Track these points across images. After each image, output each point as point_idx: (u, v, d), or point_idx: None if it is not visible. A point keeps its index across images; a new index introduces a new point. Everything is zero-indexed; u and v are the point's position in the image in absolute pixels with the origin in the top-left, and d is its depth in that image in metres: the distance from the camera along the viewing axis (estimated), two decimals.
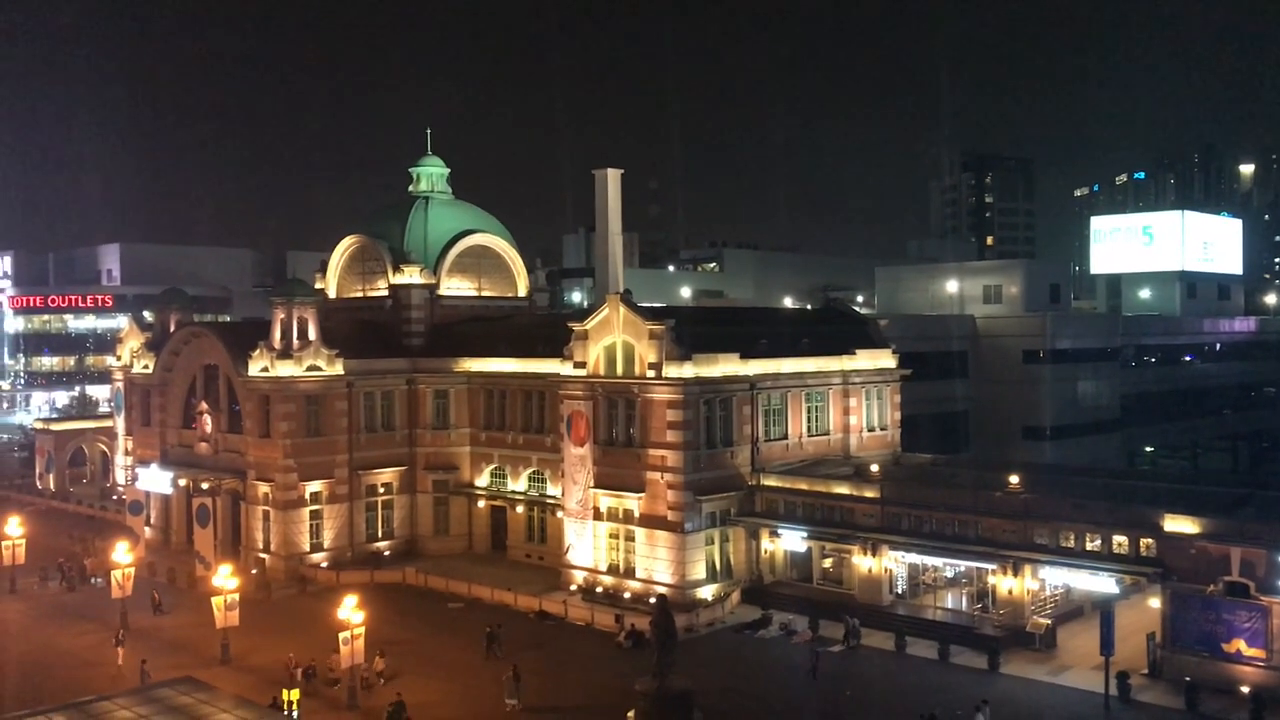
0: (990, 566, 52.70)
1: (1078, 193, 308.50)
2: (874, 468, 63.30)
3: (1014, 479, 56.29)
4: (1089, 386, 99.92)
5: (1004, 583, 52.14)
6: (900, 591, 56.95)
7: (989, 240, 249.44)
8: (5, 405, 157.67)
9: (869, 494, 57.68)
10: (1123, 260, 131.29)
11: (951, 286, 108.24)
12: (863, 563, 56.38)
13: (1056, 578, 52.25)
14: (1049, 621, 51.59)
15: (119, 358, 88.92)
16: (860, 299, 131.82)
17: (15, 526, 67.20)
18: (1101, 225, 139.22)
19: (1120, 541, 49.22)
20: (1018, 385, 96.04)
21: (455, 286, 78.92)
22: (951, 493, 56.47)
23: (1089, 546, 50.18)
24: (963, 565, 55.18)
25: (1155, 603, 48.03)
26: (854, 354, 68.82)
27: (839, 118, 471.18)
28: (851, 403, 68.08)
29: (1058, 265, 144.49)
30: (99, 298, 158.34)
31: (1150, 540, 48.17)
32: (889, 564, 56.15)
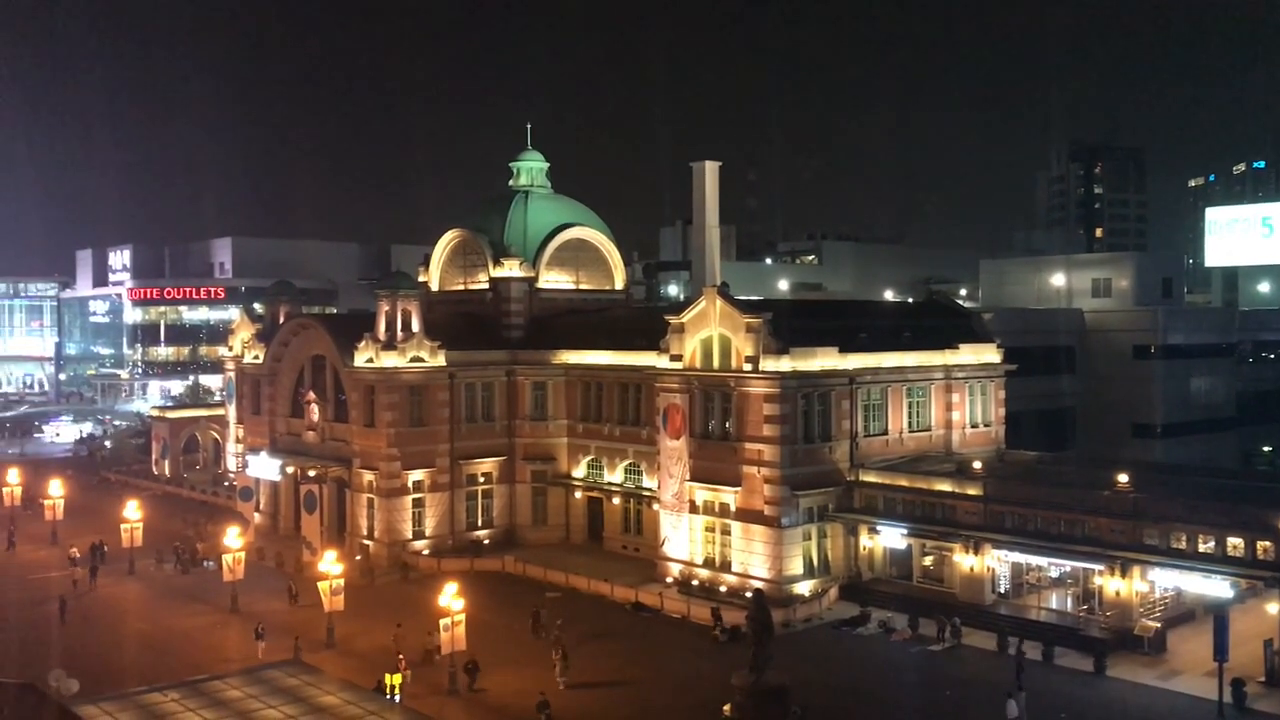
0: (1097, 567, 51.33)
1: (1192, 183, 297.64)
2: (977, 465, 62.07)
3: (1123, 478, 54.64)
4: (1203, 383, 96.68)
5: (1111, 584, 50.74)
6: (1003, 591, 55.83)
7: (1098, 232, 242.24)
8: (124, 394, 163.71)
9: (972, 491, 56.64)
10: (1240, 252, 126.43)
11: (1058, 280, 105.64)
12: (964, 561, 55.41)
13: (1167, 580, 50.63)
14: (1158, 625, 50.08)
15: (230, 348, 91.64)
16: (964, 292, 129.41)
17: (133, 510, 69.85)
18: (1217, 216, 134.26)
19: (1235, 544, 47.49)
20: (1128, 382, 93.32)
21: (554, 279, 79.62)
22: (1058, 491, 55.12)
23: (1202, 548, 48.53)
24: (1068, 565, 53.86)
25: (1273, 608, 46.21)
26: (957, 348, 67.62)
27: (943, 106, 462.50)
28: (954, 398, 66.89)
29: (1171, 258, 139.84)
30: (212, 290, 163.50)
31: (1268, 543, 46.39)
32: (991, 563, 55.08)
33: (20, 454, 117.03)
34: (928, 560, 58.46)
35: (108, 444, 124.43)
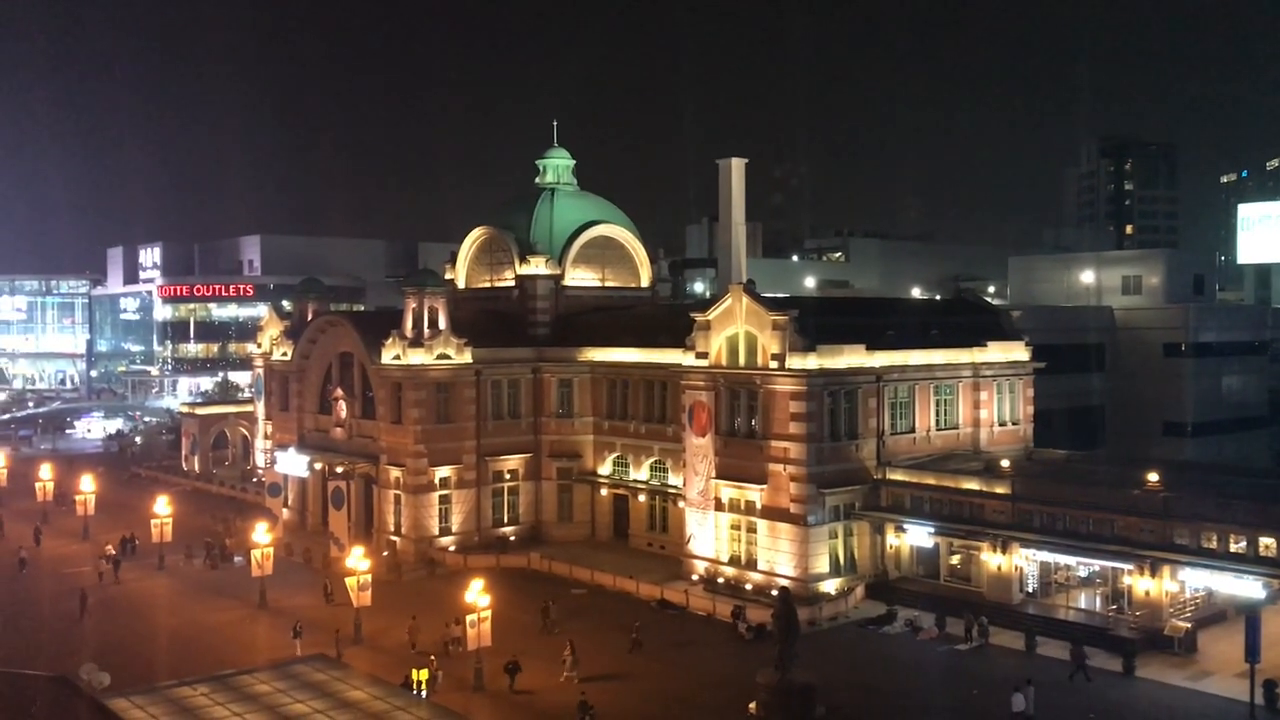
0: (1127, 567, 50.92)
1: (1225, 179, 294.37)
2: (1005, 463, 61.77)
3: (1153, 476, 54.24)
4: (1235, 381, 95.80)
5: (1141, 584, 50.32)
6: (1031, 590, 55.47)
7: (1128, 229, 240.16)
8: (154, 390, 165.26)
9: (1000, 490, 56.30)
10: (1273, 249, 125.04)
11: (1088, 277, 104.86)
12: (992, 560, 55.09)
13: (1197, 580, 50.13)
14: (1189, 625, 49.62)
15: (259, 345, 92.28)
16: (992, 290, 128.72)
17: (163, 506, 70.50)
18: (1250, 213, 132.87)
19: (1268, 544, 46.97)
20: (1158, 380, 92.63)
21: (580, 277, 79.70)
22: (1087, 489, 54.68)
23: (1233, 548, 48.03)
24: (1097, 565, 53.47)
25: None
26: (985, 346, 67.22)
27: (970, 102, 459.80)
28: (982, 396, 66.52)
29: (1202, 255, 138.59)
30: (241, 287, 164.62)
31: None
32: (1019, 562, 54.74)
33: (52, 450, 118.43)
34: (955, 559, 58.16)
35: (138, 440, 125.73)
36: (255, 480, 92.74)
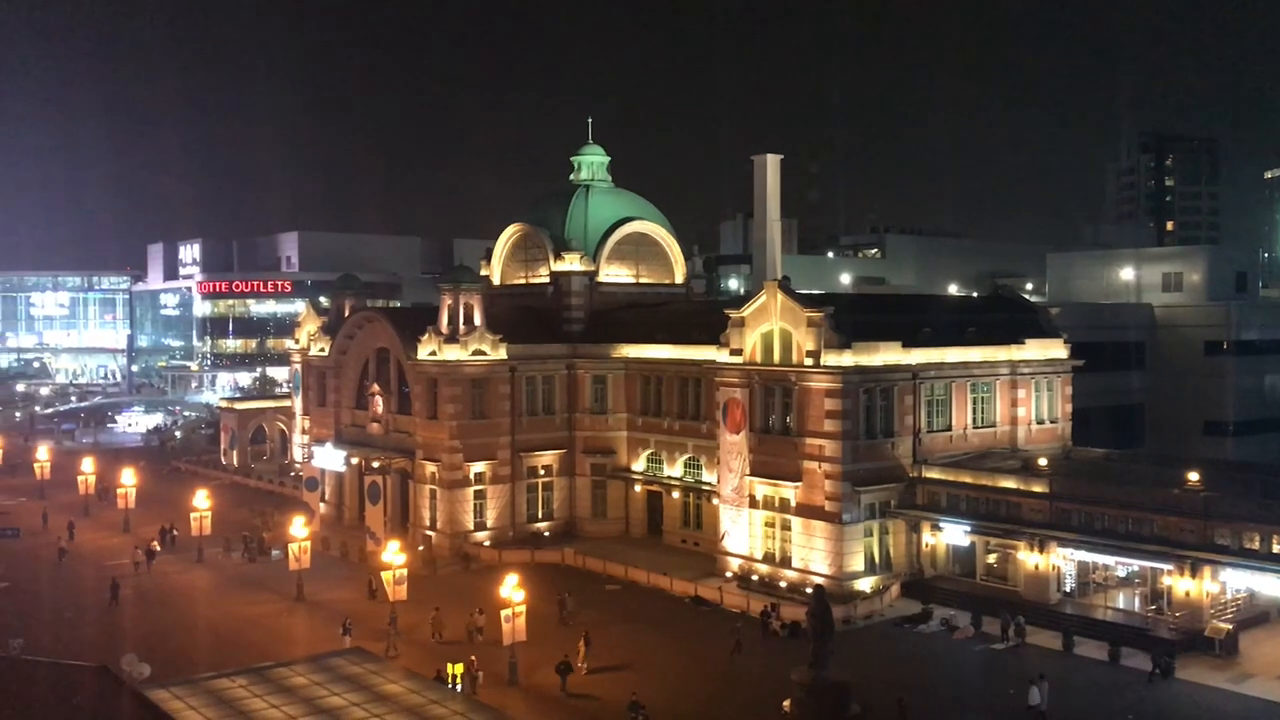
0: (1166, 567, 50.34)
1: (1268, 174, 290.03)
2: (1043, 461, 61.23)
3: (1194, 476, 53.59)
4: (1277, 380, 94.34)
5: (1181, 584, 49.73)
6: (1068, 590, 54.98)
7: (1169, 225, 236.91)
8: (193, 385, 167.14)
9: (1037, 488, 55.84)
10: None
11: (1128, 274, 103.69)
12: (1029, 559, 54.64)
13: (1239, 581, 49.45)
14: (1230, 626, 48.98)
15: (297, 340, 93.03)
16: (1030, 286, 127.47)
17: (203, 499, 71.31)
18: None
19: None
20: (1199, 378, 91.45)
21: (614, 273, 79.78)
22: (1126, 489, 54.11)
23: (1276, 549, 47.33)
24: (1136, 565, 52.90)
25: None
26: (1023, 343, 66.69)
27: (1008, 97, 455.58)
28: (1019, 394, 65.98)
29: (1244, 251, 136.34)
30: (279, 283, 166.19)
31: None
32: (1057, 561, 54.26)
33: (94, 443, 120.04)
34: (991, 558, 57.74)
35: (178, 434, 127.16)
36: (293, 475, 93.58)
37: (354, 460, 78.61)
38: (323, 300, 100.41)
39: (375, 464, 75.41)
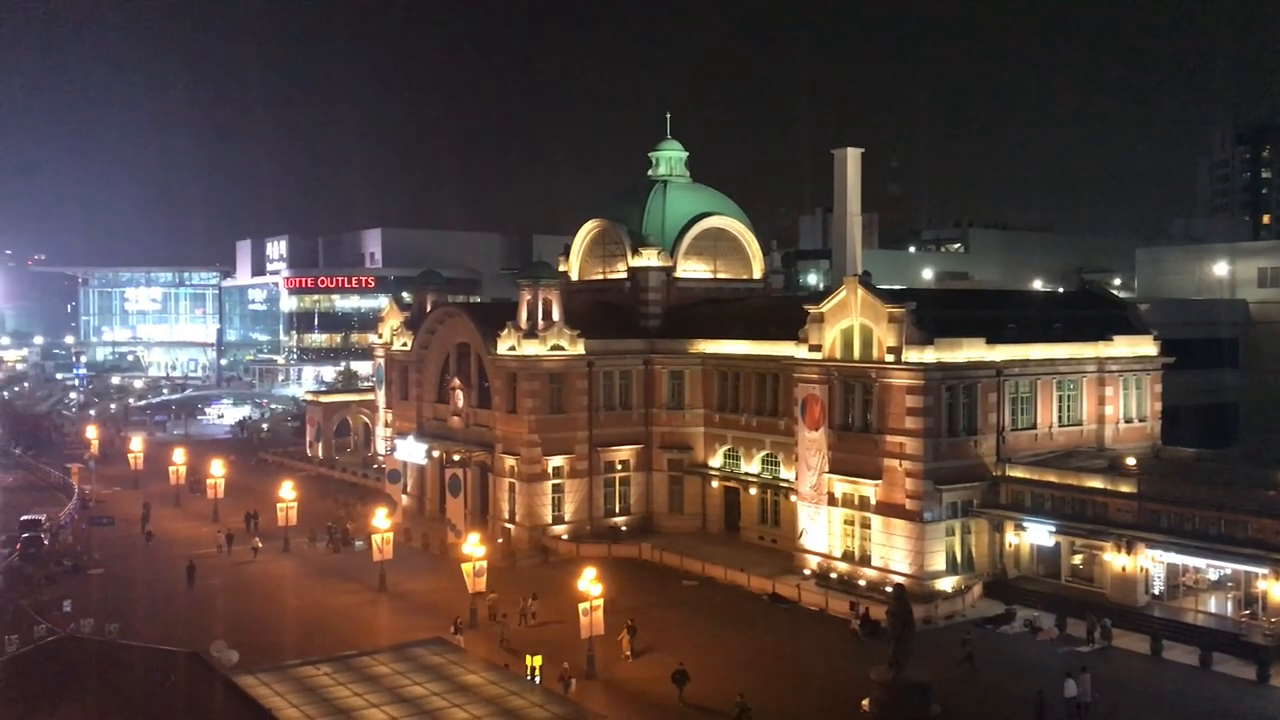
0: (1261, 571, 48.80)
1: None
2: (1131, 461, 59.76)
3: None
4: None
5: (1277, 589, 48.19)
6: (1157, 592, 53.62)
7: (1265, 219, 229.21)
8: (279, 378, 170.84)
9: (1125, 488, 54.55)
10: None
11: (1221, 269, 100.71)
12: (1116, 560, 53.39)
13: None
14: None
15: (380, 335, 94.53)
16: (1118, 282, 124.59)
17: (288, 490, 72.86)
18: None
19: None
20: None
21: (691, 269, 79.66)
22: (1218, 490, 52.59)
23: None
24: (1229, 568, 51.36)
25: None
26: (1111, 340, 65.17)
27: (1097, 88, 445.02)
28: (1107, 392, 64.49)
29: None
30: (362, 279, 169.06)
31: None
32: (1145, 563, 52.94)
33: (185, 435, 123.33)
34: (1077, 559, 56.54)
35: (265, 426, 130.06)
36: (376, 467, 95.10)
37: (435, 453, 79.64)
38: (405, 296, 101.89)
39: (456, 457, 76.31)
